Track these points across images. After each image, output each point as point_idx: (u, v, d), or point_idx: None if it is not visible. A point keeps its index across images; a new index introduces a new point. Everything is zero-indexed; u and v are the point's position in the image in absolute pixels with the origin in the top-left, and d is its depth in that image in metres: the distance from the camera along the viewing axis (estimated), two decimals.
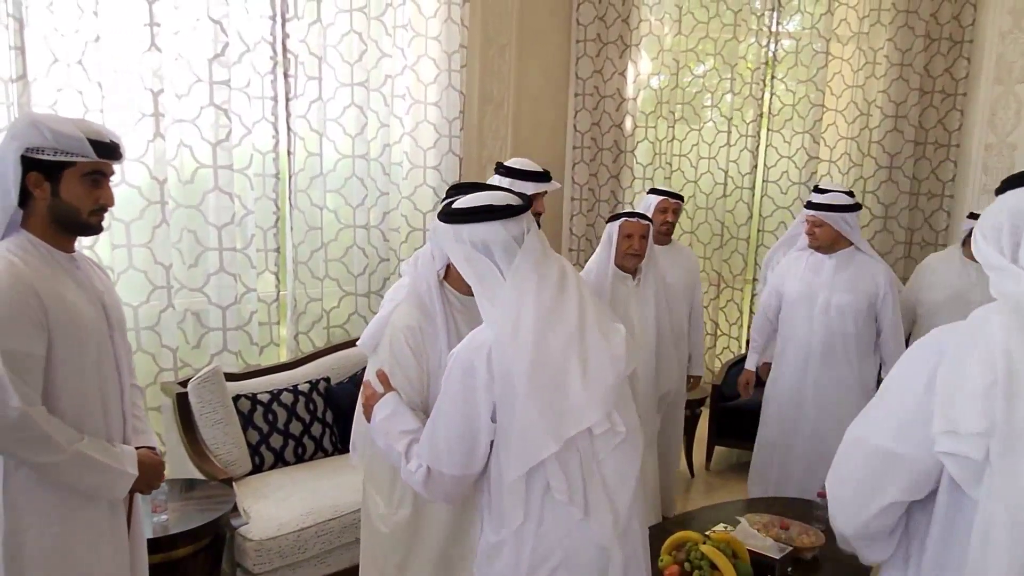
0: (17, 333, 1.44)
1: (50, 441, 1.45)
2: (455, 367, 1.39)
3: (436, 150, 3.79)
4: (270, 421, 2.81)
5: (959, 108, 4.34)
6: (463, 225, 1.43)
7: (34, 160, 1.49)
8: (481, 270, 1.42)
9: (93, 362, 1.57)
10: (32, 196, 1.52)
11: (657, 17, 4.46)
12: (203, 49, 2.97)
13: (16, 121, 1.55)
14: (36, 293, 1.47)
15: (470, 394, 1.37)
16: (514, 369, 1.34)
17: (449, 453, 1.39)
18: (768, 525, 2.24)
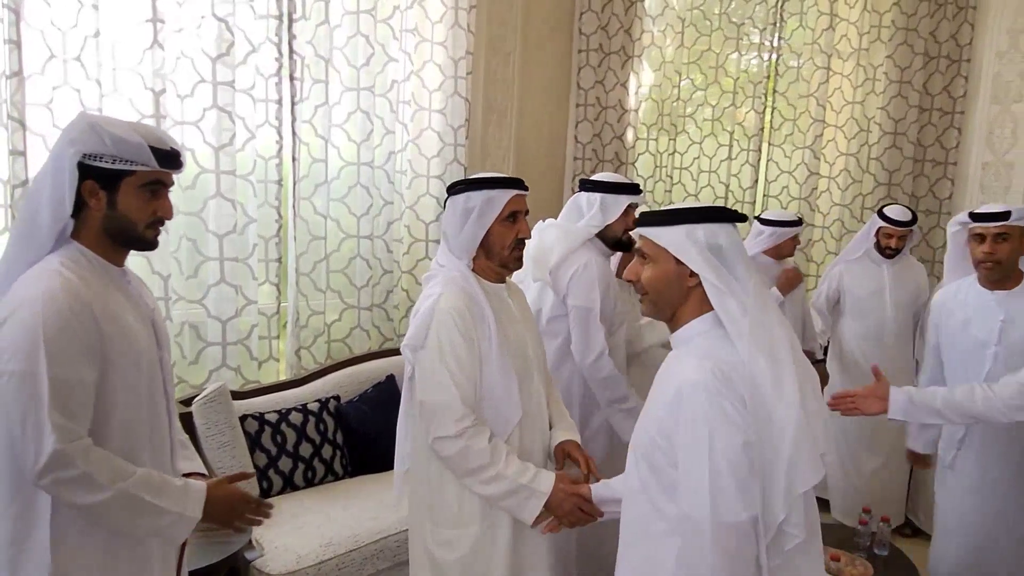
0: (69, 359, 1.29)
1: (91, 481, 1.29)
2: (710, 394, 1.29)
3: (440, 159, 3.67)
4: (279, 443, 2.65)
5: (956, 126, 4.39)
6: (697, 225, 1.39)
7: (91, 167, 1.35)
8: (721, 272, 1.37)
9: (145, 386, 1.43)
10: (86, 206, 1.38)
11: (659, 29, 4.42)
12: (207, 48, 2.81)
13: (73, 123, 1.40)
14: (92, 313, 1.33)
15: (737, 419, 1.29)
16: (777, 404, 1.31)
17: (732, 497, 1.27)
18: None
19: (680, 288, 1.41)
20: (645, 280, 1.44)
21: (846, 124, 4.47)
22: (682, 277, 1.40)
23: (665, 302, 1.44)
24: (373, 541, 2.36)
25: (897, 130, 4.37)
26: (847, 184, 4.48)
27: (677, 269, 1.40)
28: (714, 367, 1.31)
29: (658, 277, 1.43)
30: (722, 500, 1.25)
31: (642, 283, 1.45)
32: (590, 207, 2.52)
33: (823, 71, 4.39)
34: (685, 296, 1.42)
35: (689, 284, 1.40)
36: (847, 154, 4.47)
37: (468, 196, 1.83)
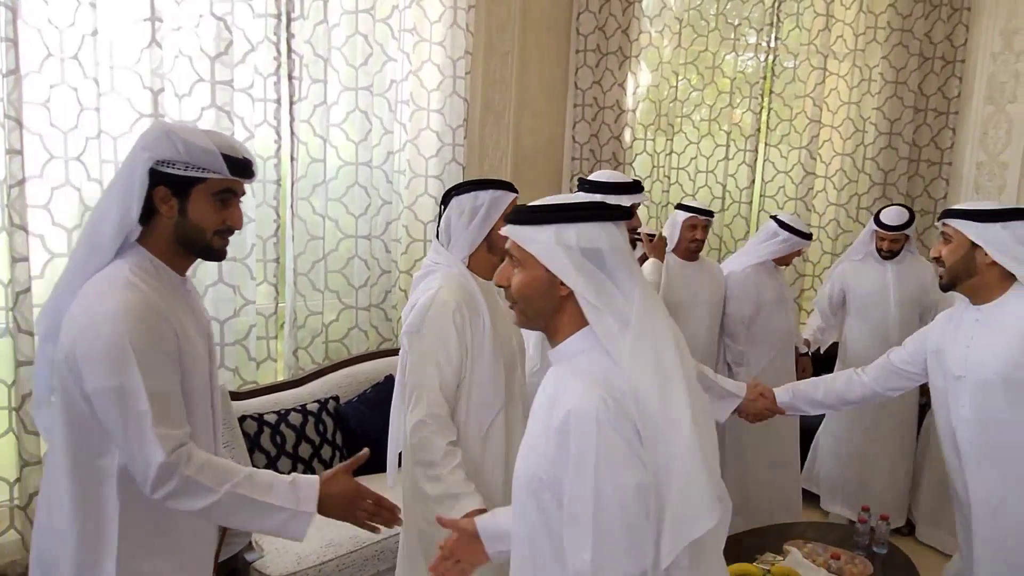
0: (160, 369, 1.31)
1: (199, 486, 1.30)
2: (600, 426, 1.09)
3: (438, 159, 3.66)
4: (278, 444, 2.65)
5: (951, 127, 4.41)
6: (568, 225, 1.19)
7: (163, 174, 1.35)
8: (598, 282, 1.19)
9: (202, 399, 1.43)
10: (157, 213, 1.37)
11: (657, 29, 4.43)
12: (206, 47, 2.80)
13: (148, 130, 1.40)
14: (170, 325, 1.33)
15: (632, 457, 1.11)
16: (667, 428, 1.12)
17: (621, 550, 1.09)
18: (811, 553, 2.18)
19: (552, 298, 1.23)
20: (514, 287, 1.25)
21: (842, 124, 4.48)
22: (554, 285, 1.21)
23: (536, 313, 1.26)
24: (374, 542, 2.35)
25: (892, 130, 4.39)
26: (843, 184, 4.49)
27: (548, 276, 1.21)
28: (605, 394, 1.12)
29: (527, 284, 1.24)
30: (607, 551, 1.09)
31: (511, 290, 1.27)
32: None
33: (819, 72, 4.41)
34: (559, 306, 1.23)
35: (562, 293, 1.22)
36: (843, 154, 4.49)
37: (476, 195, 1.92)
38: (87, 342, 1.29)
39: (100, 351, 1.28)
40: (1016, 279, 1.88)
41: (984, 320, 1.92)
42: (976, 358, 1.89)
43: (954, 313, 2.05)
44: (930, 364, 2.04)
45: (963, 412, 1.91)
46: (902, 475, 3.57)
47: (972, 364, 1.90)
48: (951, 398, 1.95)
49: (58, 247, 2.53)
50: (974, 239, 1.88)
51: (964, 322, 1.97)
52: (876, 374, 2.16)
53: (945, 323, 2.05)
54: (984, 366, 1.87)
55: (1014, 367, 1.82)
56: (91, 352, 1.29)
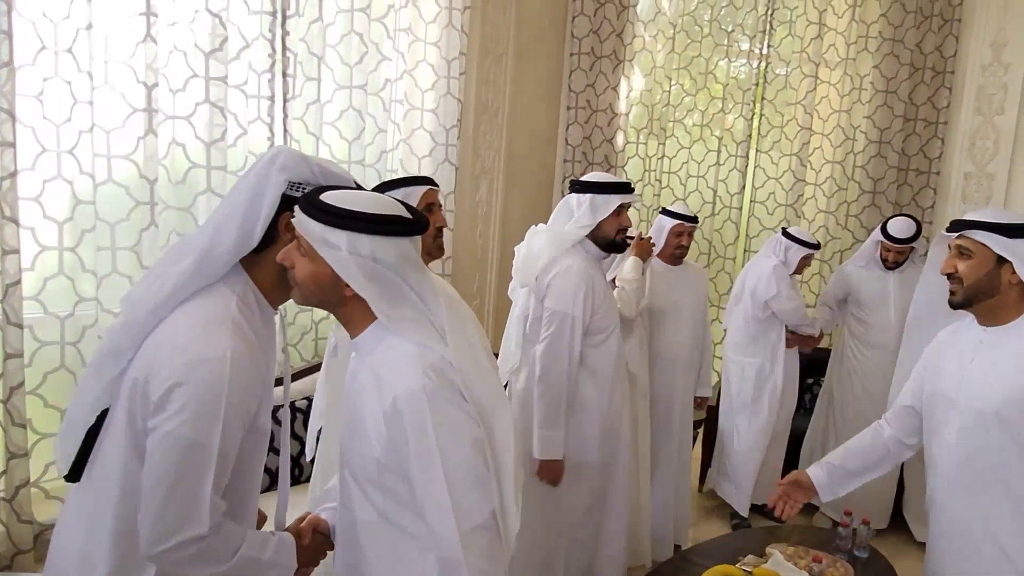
0: (236, 431, 1.23)
1: (215, 555, 1.23)
2: (430, 398, 1.17)
3: (431, 159, 3.67)
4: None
5: (940, 136, 4.45)
6: (363, 235, 1.18)
7: (293, 199, 1.26)
8: (391, 289, 1.22)
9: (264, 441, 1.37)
10: (275, 241, 1.29)
11: (651, 34, 4.46)
12: (200, 43, 2.80)
13: (279, 150, 1.32)
14: (262, 380, 1.27)
15: (464, 417, 1.22)
16: (483, 399, 1.26)
17: (474, 502, 1.21)
18: (794, 556, 2.20)
19: (336, 295, 1.23)
20: (298, 275, 1.24)
21: (832, 132, 4.52)
22: (339, 286, 1.21)
23: (319, 303, 1.28)
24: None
25: (882, 139, 4.43)
26: (833, 191, 4.53)
27: (334, 277, 1.20)
28: (425, 368, 1.19)
29: (311, 278, 1.22)
30: (464, 508, 1.18)
31: (294, 275, 1.25)
32: (579, 207, 2.45)
33: (811, 79, 4.44)
34: (344, 302, 1.25)
35: (347, 294, 1.22)
36: (833, 162, 4.53)
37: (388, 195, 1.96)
38: (185, 382, 1.18)
39: (195, 396, 1.18)
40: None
41: (989, 344, 1.73)
42: (972, 384, 1.72)
43: (956, 330, 1.86)
44: (924, 385, 1.89)
45: (948, 438, 1.76)
46: (885, 478, 3.60)
47: (967, 389, 1.73)
48: (938, 420, 1.81)
49: (49, 240, 2.53)
50: (1004, 254, 1.67)
51: (966, 342, 1.79)
52: (897, 424, 1.97)
53: (945, 340, 1.88)
54: (979, 394, 1.70)
55: (1011, 402, 1.64)
56: (185, 394, 1.18)
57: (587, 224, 2.43)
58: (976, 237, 1.71)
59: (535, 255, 2.45)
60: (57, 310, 2.57)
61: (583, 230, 2.43)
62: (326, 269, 1.20)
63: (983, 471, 1.70)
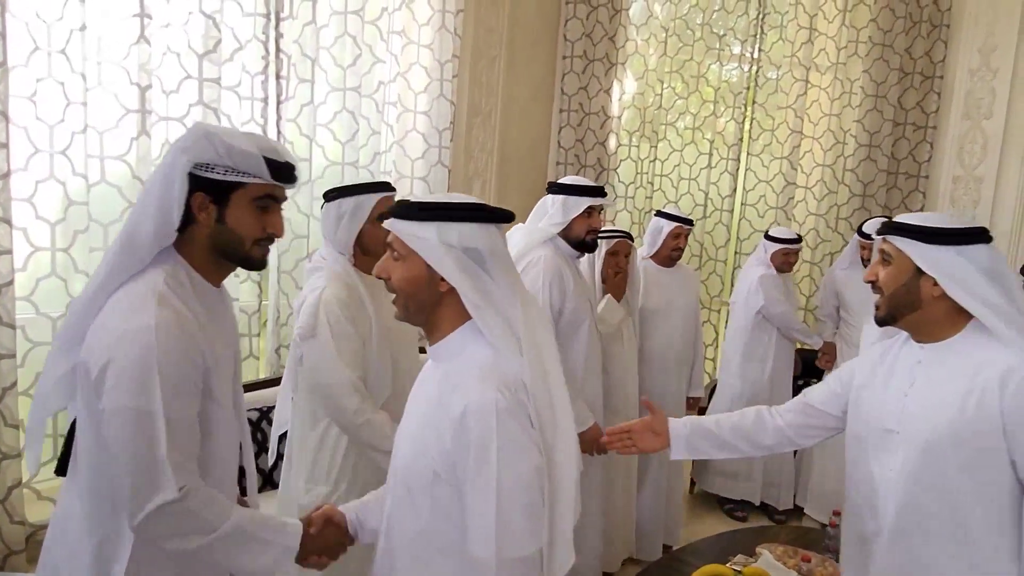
0: (182, 396, 1.24)
1: (198, 523, 1.23)
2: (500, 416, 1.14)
3: (424, 161, 3.69)
4: (259, 441, 2.66)
5: (929, 141, 4.50)
6: (451, 223, 1.22)
7: (202, 179, 1.28)
8: (480, 281, 1.23)
9: (226, 415, 1.37)
10: (194, 220, 1.31)
11: (643, 38, 4.48)
12: (194, 44, 2.81)
13: (187, 132, 1.33)
14: (199, 346, 1.27)
15: (529, 443, 1.17)
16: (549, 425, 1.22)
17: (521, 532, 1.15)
18: (783, 556, 2.22)
19: (432, 292, 1.26)
20: (395, 280, 1.27)
21: (823, 136, 4.56)
22: (434, 281, 1.25)
23: (417, 306, 1.28)
24: None
25: (872, 143, 4.47)
26: (823, 195, 4.57)
27: (429, 272, 1.24)
28: (500, 383, 1.17)
29: (408, 278, 1.26)
30: (509, 535, 1.14)
31: (392, 283, 1.28)
32: (552, 207, 2.55)
33: (801, 83, 4.48)
34: (439, 300, 1.27)
35: (442, 289, 1.25)
36: (823, 165, 4.56)
37: (340, 203, 2.04)
38: (113, 358, 1.21)
39: (125, 369, 1.20)
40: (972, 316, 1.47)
41: (929, 363, 1.51)
42: (916, 411, 1.49)
43: (889, 349, 1.62)
44: (851, 406, 1.66)
45: (890, 473, 1.51)
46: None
47: (910, 418, 1.50)
48: (874, 453, 1.55)
49: (41, 240, 2.53)
50: (920, 264, 1.47)
51: (901, 364, 1.57)
52: (791, 417, 1.76)
53: (877, 361, 1.63)
54: (927, 421, 1.46)
55: (966, 424, 1.41)
56: (115, 369, 1.21)
57: (558, 222, 2.51)
58: (896, 242, 1.51)
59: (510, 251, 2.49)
60: (49, 311, 2.57)
61: (554, 227, 2.51)
62: (420, 266, 1.24)
63: (933, 514, 1.46)
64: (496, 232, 1.27)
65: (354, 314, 1.94)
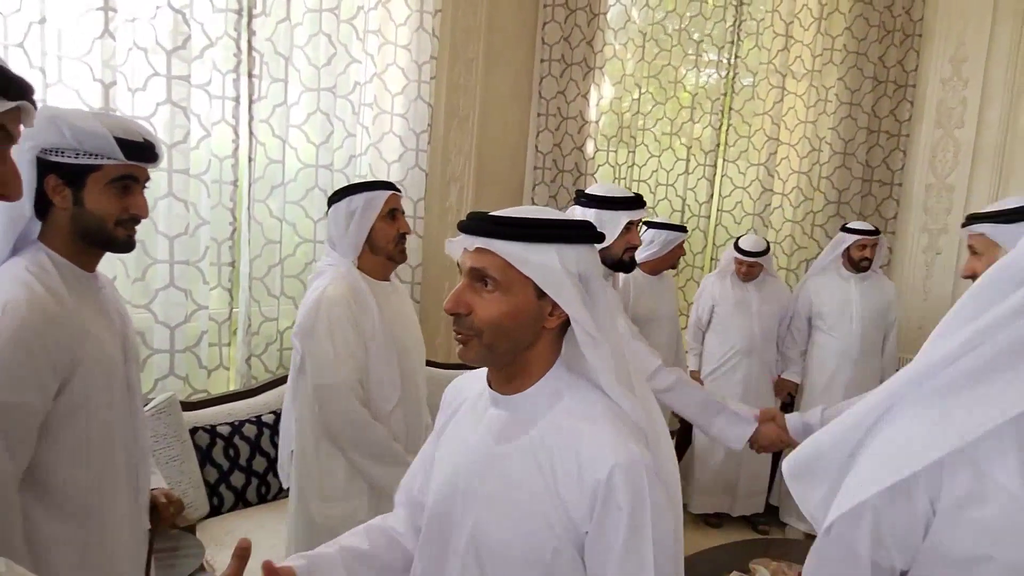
0: (16, 382, 1.16)
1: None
2: (648, 475, 1.01)
3: (401, 164, 3.59)
4: (231, 457, 2.53)
5: (902, 149, 4.53)
6: (570, 246, 1.04)
7: (52, 163, 1.24)
8: (596, 312, 1.06)
9: (117, 405, 1.32)
10: (52, 205, 1.27)
11: (621, 42, 4.44)
12: (162, 40, 2.68)
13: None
14: (56, 332, 1.20)
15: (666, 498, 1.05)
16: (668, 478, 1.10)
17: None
18: (778, 571, 2.18)
19: (535, 330, 1.06)
20: (487, 317, 1.04)
21: (799, 143, 4.57)
22: (542, 315, 1.05)
23: (510, 347, 1.06)
24: None
25: (847, 150, 4.49)
26: (799, 201, 4.57)
27: (537, 304, 1.05)
28: (635, 437, 1.03)
29: (510, 314, 1.03)
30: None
31: (477, 320, 1.04)
32: None
33: (778, 90, 4.48)
34: (536, 341, 1.07)
35: (548, 325, 1.06)
36: (799, 172, 4.57)
37: (350, 200, 2.01)
38: None
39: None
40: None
41: None
42: None
43: None
44: None
45: None
46: None
47: None
48: None
49: None
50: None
51: None
52: None
53: None
54: None
55: None
56: None
57: None
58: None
59: None
60: None
61: None
62: (528, 298, 1.04)
63: None
64: (596, 255, 1.11)
65: (357, 316, 1.91)
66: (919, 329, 4.24)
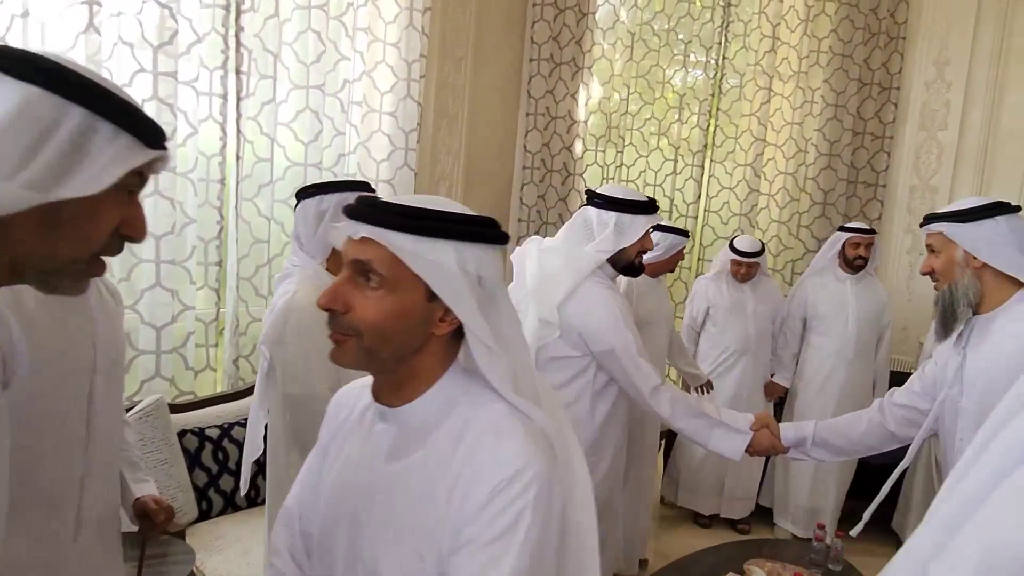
0: None
1: None
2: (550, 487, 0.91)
3: (390, 163, 3.56)
4: (220, 460, 2.49)
5: (887, 150, 4.57)
6: (469, 245, 0.93)
7: None
8: (493, 318, 0.95)
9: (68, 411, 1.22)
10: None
11: (610, 42, 4.44)
12: (148, 35, 2.62)
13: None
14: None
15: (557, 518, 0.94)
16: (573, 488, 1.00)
17: None
18: (772, 572, 2.18)
19: (421, 335, 0.95)
20: (369, 316, 0.92)
21: (785, 144, 4.59)
22: (431, 319, 0.94)
23: (394, 353, 0.95)
24: None
25: (832, 152, 4.52)
26: (786, 202, 4.60)
27: (427, 307, 0.93)
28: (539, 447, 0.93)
29: (394, 314, 0.92)
30: None
31: (358, 319, 0.92)
32: (602, 228, 2.15)
33: (764, 92, 4.50)
34: (423, 347, 0.96)
35: (437, 332, 0.95)
36: (786, 173, 4.60)
37: (321, 199, 1.90)
38: None
39: None
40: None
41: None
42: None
43: None
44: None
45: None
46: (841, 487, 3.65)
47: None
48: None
49: None
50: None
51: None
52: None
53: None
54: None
55: None
56: None
57: (611, 247, 2.14)
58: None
59: (550, 277, 2.16)
60: None
61: (605, 253, 2.14)
62: (416, 299, 0.92)
63: None
64: (501, 257, 0.99)
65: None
66: (903, 330, 4.29)
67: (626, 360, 2.07)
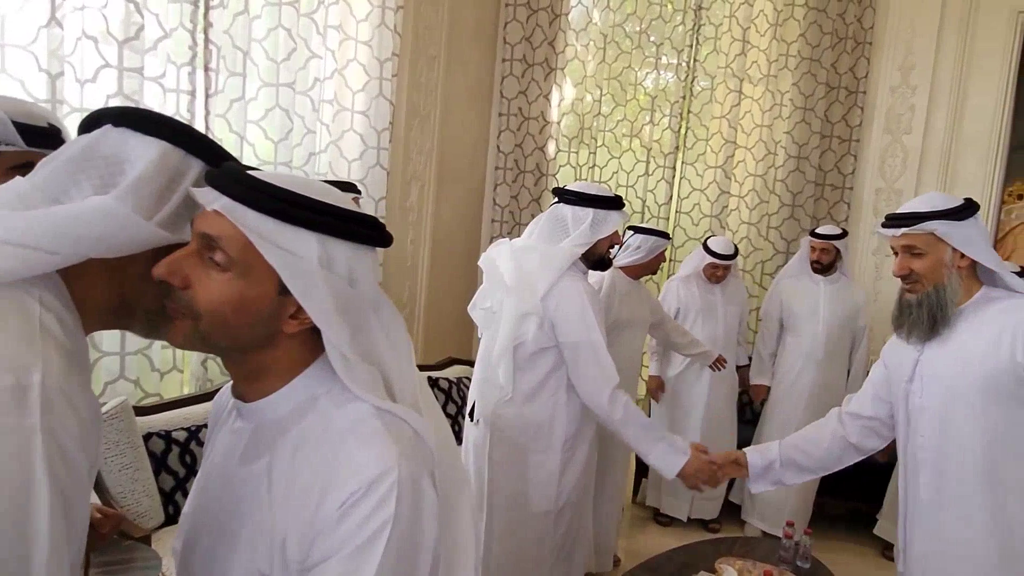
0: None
1: None
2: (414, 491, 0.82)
3: (362, 162, 3.53)
4: (187, 463, 2.44)
5: (853, 153, 4.65)
6: (340, 241, 0.84)
7: None
8: (356, 321, 0.86)
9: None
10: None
11: (582, 44, 4.46)
12: (113, 30, 2.57)
13: None
14: None
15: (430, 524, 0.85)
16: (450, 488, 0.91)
17: None
18: (743, 570, 2.20)
19: (268, 329, 0.84)
20: (207, 299, 0.81)
21: (755, 146, 4.64)
22: (281, 315, 0.84)
23: (230, 344, 0.84)
24: None
25: (800, 154, 4.59)
26: (755, 204, 4.65)
27: (278, 300, 0.83)
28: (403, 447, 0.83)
29: (237, 304, 0.81)
30: None
31: (194, 296, 0.81)
32: (577, 223, 2.20)
33: (735, 94, 4.55)
34: (272, 342, 0.85)
35: (287, 330, 0.85)
36: (755, 175, 4.65)
37: None
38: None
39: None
40: None
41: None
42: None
43: None
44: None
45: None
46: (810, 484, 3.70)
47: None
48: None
49: None
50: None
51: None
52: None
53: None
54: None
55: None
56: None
57: (585, 243, 2.20)
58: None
59: (528, 273, 2.17)
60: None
61: (580, 248, 2.19)
62: (265, 291, 0.82)
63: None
64: (375, 259, 0.89)
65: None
66: (869, 331, 4.36)
67: (590, 354, 2.11)
